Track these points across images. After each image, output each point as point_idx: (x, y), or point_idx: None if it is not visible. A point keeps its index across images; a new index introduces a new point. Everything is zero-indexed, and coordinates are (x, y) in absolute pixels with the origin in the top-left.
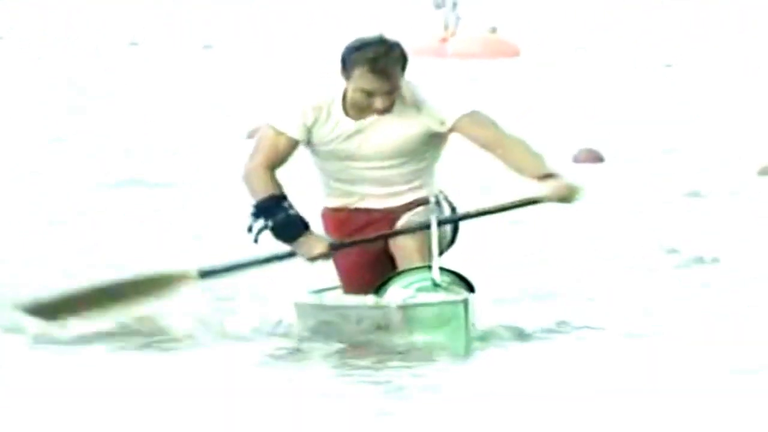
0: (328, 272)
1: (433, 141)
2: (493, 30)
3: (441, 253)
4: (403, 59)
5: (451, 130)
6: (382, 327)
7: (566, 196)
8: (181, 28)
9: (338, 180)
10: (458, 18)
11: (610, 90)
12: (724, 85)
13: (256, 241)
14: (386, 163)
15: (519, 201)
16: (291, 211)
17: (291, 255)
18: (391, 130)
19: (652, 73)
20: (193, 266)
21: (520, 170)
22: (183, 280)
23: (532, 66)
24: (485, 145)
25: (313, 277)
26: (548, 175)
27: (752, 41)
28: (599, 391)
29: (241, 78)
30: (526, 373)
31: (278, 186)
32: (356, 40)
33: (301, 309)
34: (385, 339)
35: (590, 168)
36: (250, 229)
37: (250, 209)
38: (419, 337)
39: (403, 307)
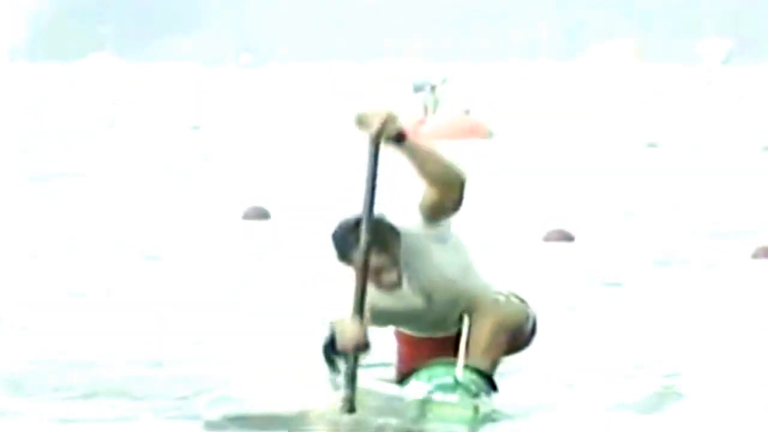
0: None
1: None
2: (467, 112)
3: (518, 347)
4: (393, 229)
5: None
6: (401, 417)
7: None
8: (168, 108)
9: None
10: (437, 100)
11: (586, 169)
12: (710, 165)
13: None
14: (436, 296)
15: None
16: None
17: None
18: (422, 272)
19: (634, 153)
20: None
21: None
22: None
23: (503, 146)
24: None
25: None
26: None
27: (736, 120)
28: None
29: (232, 158)
30: None
31: None
32: (342, 224)
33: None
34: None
35: (560, 247)
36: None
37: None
38: None
39: (418, 403)
